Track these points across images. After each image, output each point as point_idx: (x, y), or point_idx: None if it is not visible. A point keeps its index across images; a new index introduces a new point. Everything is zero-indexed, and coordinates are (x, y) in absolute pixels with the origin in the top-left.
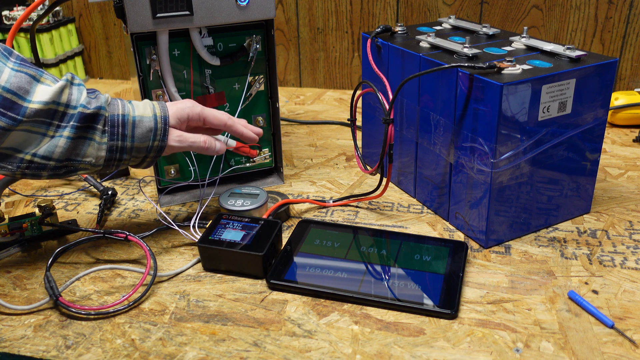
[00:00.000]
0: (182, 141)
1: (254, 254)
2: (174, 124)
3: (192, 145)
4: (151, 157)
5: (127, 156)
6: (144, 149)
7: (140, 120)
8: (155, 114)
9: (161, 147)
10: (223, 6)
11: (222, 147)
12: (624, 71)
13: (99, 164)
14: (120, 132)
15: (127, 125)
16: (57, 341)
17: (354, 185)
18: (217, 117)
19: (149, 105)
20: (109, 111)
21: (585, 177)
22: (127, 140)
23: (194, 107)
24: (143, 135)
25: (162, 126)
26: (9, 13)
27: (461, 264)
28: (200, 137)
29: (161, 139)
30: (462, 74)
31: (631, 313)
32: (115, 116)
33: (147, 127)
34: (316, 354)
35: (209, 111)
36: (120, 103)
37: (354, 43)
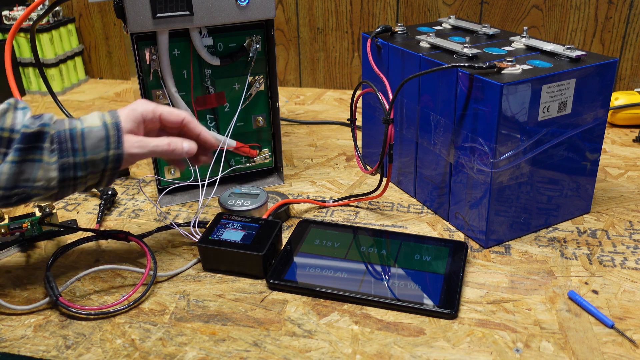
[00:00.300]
0: (142, 146)
1: (254, 254)
2: (130, 128)
3: (155, 149)
4: (110, 169)
5: (83, 172)
6: (100, 161)
7: (90, 131)
8: (105, 122)
9: (118, 156)
10: (223, 6)
11: (191, 147)
12: (624, 71)
13: (53, 187)
14: (69, 147)
15: (75, 139)
16: (57, 341)
17: (354, 185)
18: (174, 113)
19: (97, 115)
20: (55, 128)
21: (585, 177)
22: (79, 155)
23: (146, 105)
24: (95, 145)
25: (114, 133)
26: (9, 13)
27: (461, 264)
28: (163, 140)
29: (116, 147)
30: (462, 74)
31: (631, 313)
32: (62, 132)
33: (98, 137)
34: (316, 354)
35: (164, 107)
36: (66, 120)
37: (354, 43)
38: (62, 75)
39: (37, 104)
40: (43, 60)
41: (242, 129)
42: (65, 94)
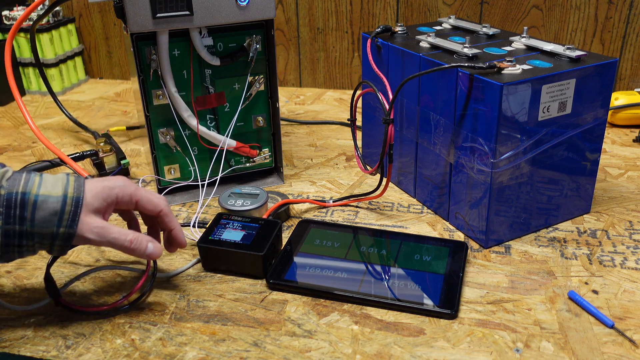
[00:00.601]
0: (100, 235)
1: (254, 254)
2: (96, 207)
3: (114, 242)
4: (58, 245)
5: (29, 242)
6: (48, 235)
7: (44, 201)
8: (65, 194)
9: (69, 235)
10: (223, 6)
11: (155, 251)
12: (624, 71)
13: None
14: (17, 214)
15: (26, 207)
16: (57, 341)
17: (354, 185)
18: (153, 202)
19: (61, 181)
20: (6, 188)
21: (585, 177)
22: (26, 224)
23: (125, 188)
24: (45, 219)
25: (70, 209)
26: (9, 13)
27: (461, 264)
28: (126, 235)
29: (68, 225)
30: (462, 74)
31: (631, 313)
32: (13, 195)
33: (51, 210)
34: (316, 354)
35: (143, 193)
36: (24, 178)
37: (354, 43)
38: (62, 75)
39: (37, 104)
40: (43, 60)
41: (242, 129)
42: (65, 94)
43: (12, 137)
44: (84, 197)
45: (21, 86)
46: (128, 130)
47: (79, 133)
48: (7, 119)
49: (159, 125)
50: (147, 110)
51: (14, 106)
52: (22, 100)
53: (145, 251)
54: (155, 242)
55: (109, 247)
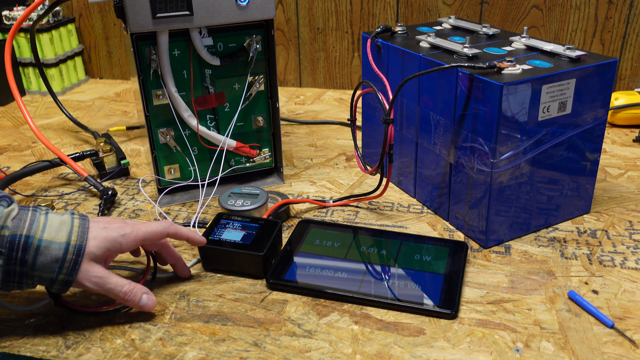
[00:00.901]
0: (98, 284)
1: (254, 254)
2: (98, 255)
3: (110, 291)
4: (56, 288)
5: (29, 281)
6: (47, 279)
7: (47, 247)
8: (68, 242)
9: (67, 282)
10: (223, 6)
11: (148, 303)
12: (624, 71)
13: None
14: (19, 257)
15: (28, 251)
16: (57, 341)
17: (354, 185)
18: (157, 233)
19: (66, 226)
20: (11, 229)
21: (585, 177)
22: (27, 267)
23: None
24: (46, 265)
25: (72, 257)
26: (9, 13)
27: (461, 264)
28: (122, 286)
29: (68, 273)
30: (462, 74)
31: (631, 313)
32: (17, 237)
33: (53, 257)
34: (316, 354)
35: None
36: (29, 218)
37: (354, 43)
38: (62, 75)
39: (37, 104)
40: (43, 60)
41: (242, 129)
42: (65, 94)
43: (12, 137)
44: (87, 245)
45: (21, 86)
46: (128, 130)
47: (79, 133)
48: (7, 119)
49: (159, 125)
50: (147, 110)
51: (14, 106)
52: (22, 100)
53: (138, 303)
54: (150, 295)
55: (105, 294)
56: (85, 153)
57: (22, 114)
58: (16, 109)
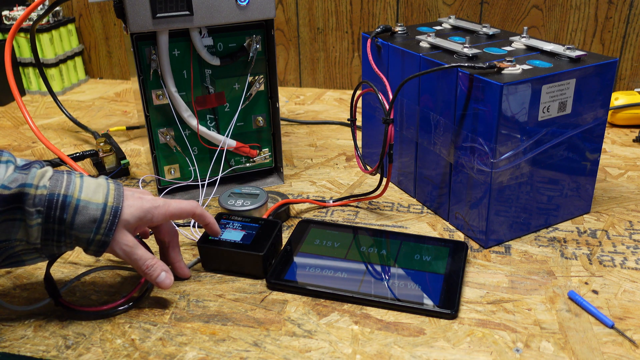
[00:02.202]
0: (126, 253)
1: (254, 254)
2: (131, 223)
3: (135, 262)
4: (93, 250)
5: (68, 240)
6: (84, 240)
7: (85, 207)
8: (105, 203)
9: (103, 243)
10: (223, 6)
11: (165, 281)
12: (624, 71)
13: (36, 244)
14: (57, 215)
15: (67, 209)
16: (57, 341)
17: (354, 185)
18: (185, 210)
19: (102, 188)
20: (49, 188)
21: (585, 177)
22: (64, 226)
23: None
24: (84, 225)
25: (109, 219)
26: (9, 13)
27: (461, 264)
28: (145, 259)
29: (105, 234)
30: (462, 74)
31: (631, 313)
32: (55, 196)
33: (91, 217)
34: (316, 354)
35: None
36: (65, 179)
37: (354, 43)
38: (62, 75)
39: (37, 104)
40: (43, 60)
41: (242, 129)
42: (65, 94)
43: (12, 137)
44: (122, 210)
45: (21, 86)
46: (128, 130)
47: (79, 133)
48: (7, 119)
49: (159, 125)
50: (147, 110)
51: (14, 106)
52: (22, 100)
53: (156, 278)
54: (169, 273)
55: (129, 263)
56: (85, 153)
57: (22, 114)
58: (16, 109)
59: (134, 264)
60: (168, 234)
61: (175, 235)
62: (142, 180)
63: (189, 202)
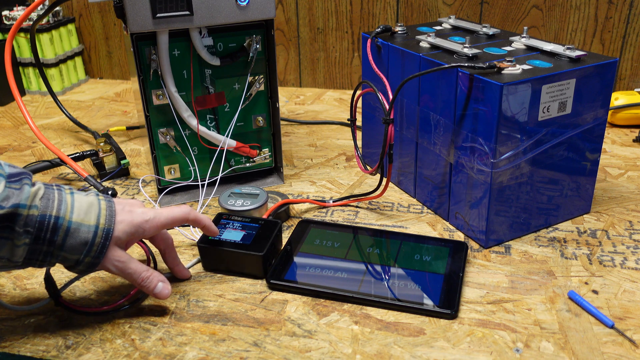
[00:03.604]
0: (120, 268)
1: (254, 254)
2: (123, 240)
3: (129, 276)
4: (79, 270)
5: (53, 260)
6: (73, 260)
7: (77, 230)
8: (97, 225)
9: (92, 264)
10: (223, 6)
11: (163, 292)
12: (624, 71)
13: (17, 262)
14: (47, 237)
15: (58, 232)
16: (57, 341)
17: (354, 185)
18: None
19: (94, 209)
20: (40, 209)
21: (585, 177)
22: (54, 248)
23: (153, 220)
24: (74, 247)
25: (100, 241)
26: (9, 13)
27: (461, 264)
28: (140, 272)
29: (95, 256)
30: (462, 74)
31: (631, 313)
32: (47, 217)
33: (82, 240)
34: (316, 354)
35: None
36: (57, 198)
37: (354, 43)
38: (62, 75)
39: (37, 104)
40: (43, 60)
41: (242, 129)
42: (65, 94)
43: (12, 137)
44: (114, 229)
45: (21, 86)
46: (128, 130)
47: (79, 133)
48: (7, 119)
49: (159, 125)
50: (147, 110)
51: (14, 106)
52: (22, 100)
53: (153, 290)
54: (166, 283)
55: (124, 278)
56: (85, 153)
57: (22, 114)
58: (16, 109)
59: (128, 278)
60: (163, 242)
61: (170, 240)
62: (142, 180)
63: (180, 209)
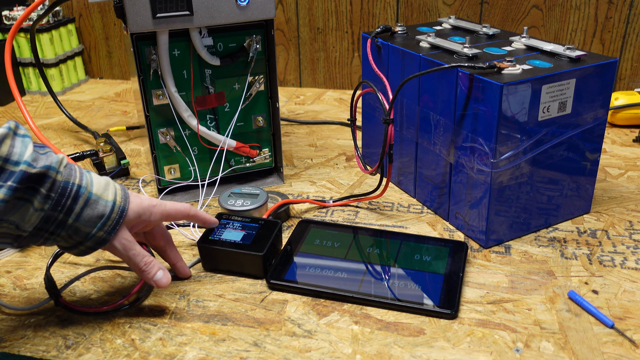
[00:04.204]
0: (125, 248)
1: (254, 254)
2: (131, 219)
3: (132, 258)
4: (86, 246)
5: (63, 233)
6: (84, 233)
7: (96, 202)
8: (114, 201)
9: (103, 240)
10: (223, 6)
11: (162, 280)
12: (624, 71)
13: (26, 230)
14: (67, 204)
15: (78, 200)
16: (57, 341)
17: (354, 185)
18: (180, 210)
19: (111, 186)
20: (64, 176)
21: (585, 177)
22: (71, 217)
23: (158, 207)
24: (90, 219)
25: (115, 217)
26: (9, 13)
27: (461, 264)
28: (142, 256)
29: (107, 232)
30: (462, 74)
31: (631, 313)
32: (70, 185)
33: (99, 213)
34: (316, 354)
35: (169, 205)
36: (78, 170)
37: (354, 43)
38: (62, 75)
39: (37, 104)
40: (43, 60)
41: (242, 129)
42: (65, 94)
43: None
44: (128, 209)
45: (21, 86)
46: (128, 130)
47: (79, 133)
48: (7, 119)
49: (159, 125)
50: (147, 110)
51: (14, 106)
52: (22, 100)
53: (153, 277)
54: (166, 272)
55: (126, 260)
56: (85, 153)
57: (22, 114)
58: (16, 109)
59: (131, 260)
60: (163, 237)
61: (169, 236)
62: (142, 180)
63: (182, 204)
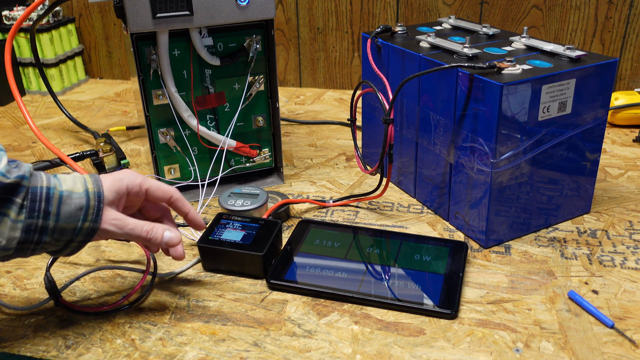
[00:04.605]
0: (119, 226)
1: (254, 254)
2: (111, 199)
3: (131, 232)
4: (77, 242)
5: (48, 238)
6: (70, 231)
7: (69, 197)
8: (87, 190)
9: (92, 230)
10: (223, 6)
11: (172, 238)
12: (624, 71)
13: (10, 247)
14: (42, 208)
15: (51, 201)
16: (57, 341)
17: (354, 185)
18: (161, 189)
19: (79, 179)
20: (31, 182)
21: (585, 177)
22: (50, 219)
23: (133, 177)
24: (71, 214)
25: (95, 204)
26: (9, 13)
27: (461, 264)
28: (142, 225)
29: (93, 220)
30: (462, 74)
31: (631, 313)
32: (38, 189)
33: (77, 205)
34: (316, 354)
35: (152, 181)
36: (44, 176)
37: (354, 43)
38: (62, 75)
39: (37, 104)
40: (43, 60)
41: (242, 129)
42: (65, 94)
43: (12, 137)
44: (104, 191)
45: (21, 86)
46: (128, 130)
47: (79, 133)
48: (7, 119)
49: (159, 125)
50: (147, 110)
51: (14, 106)
52: (22, 100)
53: (162, 240)
54: (173, 229)
55: (127, 238)
56: (85, 153)
57: (22, 114)
58: (16, 109)
59: (132, 235)
60: (162, 192)
61: (170, 190)
62: None
63: (168, 186)
